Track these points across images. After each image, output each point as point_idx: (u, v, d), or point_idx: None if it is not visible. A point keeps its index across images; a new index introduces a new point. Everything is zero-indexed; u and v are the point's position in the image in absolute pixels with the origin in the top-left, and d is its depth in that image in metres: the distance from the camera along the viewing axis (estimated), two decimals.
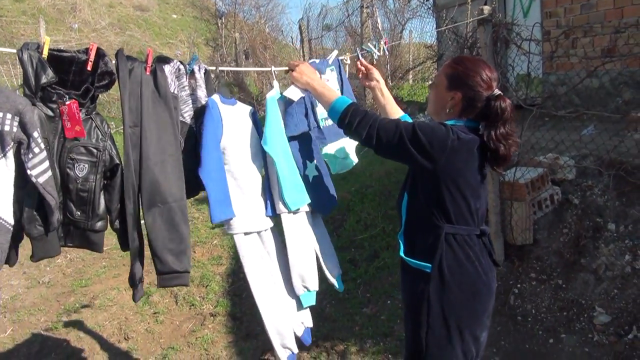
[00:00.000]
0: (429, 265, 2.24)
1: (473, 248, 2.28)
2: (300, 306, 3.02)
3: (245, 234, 2.76)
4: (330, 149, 3.07)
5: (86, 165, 2.39)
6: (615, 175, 4.31)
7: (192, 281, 5.29)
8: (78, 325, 4.71)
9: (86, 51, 2.32)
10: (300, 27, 14.03)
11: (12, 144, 2.16)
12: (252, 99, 12.80)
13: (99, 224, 2.46)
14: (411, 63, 11.53)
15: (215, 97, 2.69)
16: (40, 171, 2.19)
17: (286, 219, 2.83)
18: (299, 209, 2.86)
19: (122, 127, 2.46)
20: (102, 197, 2.45)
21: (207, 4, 21.18)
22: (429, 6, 10.26)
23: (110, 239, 6.38)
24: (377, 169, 6.92)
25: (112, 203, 2.47)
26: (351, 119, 2.32)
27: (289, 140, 2.85)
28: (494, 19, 4.28)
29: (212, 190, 2.59)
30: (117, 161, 2.45)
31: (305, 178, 2.92)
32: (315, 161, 3.00)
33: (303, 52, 14.27)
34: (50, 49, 2.25)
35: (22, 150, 2.18)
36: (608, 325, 3.69)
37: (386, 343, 4.06)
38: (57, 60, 2.28)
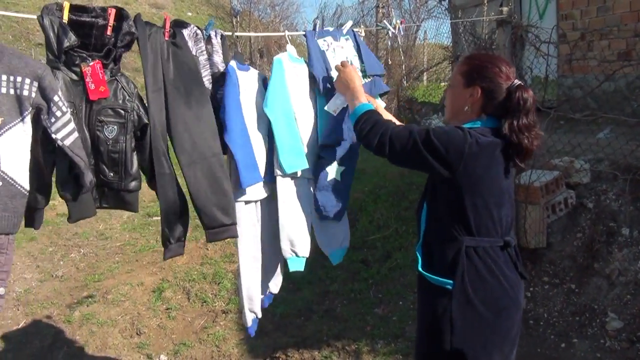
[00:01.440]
0: (451, 281, 2.10)
1: (496, 261, 2.13)
2: (273, 274, 3.06)
3: (246, 202, 2.78)
4: None
5: (115, 127, 2.40)
6: (630, 180, 4.28)
7: (205, 278, 5.31)
8: (90, 319, 4.74)
9: (105, 13, 2.32)
10: (314, 27, 14.04)
11: (30, 109, 2.16)
12: None
13: (133, 184, 2.47)
14: (426, 64, 11.50)
15: (233, 63, 2.71)
16: (66, 134, 2.21)
17: (281, 182, 2.83)
18: (296, 174, 2.84)
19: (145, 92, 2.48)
20: (134, 157, 2.46)
21: (222, 2, 21.19)
22: (445, 7, 10.23)
23: (123, 235, 6.41)
24: (390, 169, 6.91)
25: (146, 162, 2.49)
26: (363, 126, 2.25)
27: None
28: (513, 21, 4.27)
29: (239, 154, 2.61)
30: (146, 120, 2.45)
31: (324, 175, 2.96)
32: (343, 167, 3.03)
33: None
34: (70, 12, 2.25)
35: (43, 116, 2.19)
36: (620, 331, 3.67)
37: (397, 344, 4.06)
38: (78, 24, 2.29)
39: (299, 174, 2.87)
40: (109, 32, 2.32)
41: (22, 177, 2.19)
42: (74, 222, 2.46)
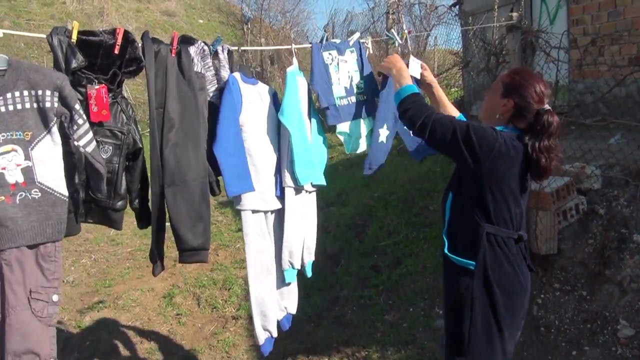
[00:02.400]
0: (473, 262, 2.35)
1: (511, 250, 2.39)
2: (288, 291, 3.11)
3: (253, 211, 2.81)
4: (344, 127, 3.10)
5: (110, 148, 2.48)
6: None
7: (215, 284, 5.32)
8: (101, 324, 4.76)
9: (113, 33, 2.39)
10: (322, 39, 14.06)
11: (55, 119, 2.25)
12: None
13: (120, 203, 2.55)
14: (436, 69, 11.48)
15: (237, 74, 2.75)
16: (87, 141, 2.30)
17: (290, 194, 2.88)
18: (302, 187, 2.91)
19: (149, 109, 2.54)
20: (123, 178, 2.54)
21: (233, 9, 21.30)
22: (456, 12, 10.22)
23: (134, 240, 6.45)
24: (401, 175, 6.91)
25: (133, 184, 2.58)
26: (408, 106, 2.45)
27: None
28: (523, 26, 4.26)
29: (227, 164, 2.62)
30: (140, 145, 2.55)
31: (377, 136, 3.11)
32: (388, 131, 3.17)
33: None
34: (79, 33, 2.31)
35: (65, 124, 2.27)
36: (632, 339, 3.64)
37: (408, 351, 4.04)
38: (86, 44, 2.36)
39: (310, 186, 2.92)
40: (116, 51, 2.39)
41: (59, 185, 2.29)
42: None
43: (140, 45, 2.47)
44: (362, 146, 3.21)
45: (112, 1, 17.31)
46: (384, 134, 3.15)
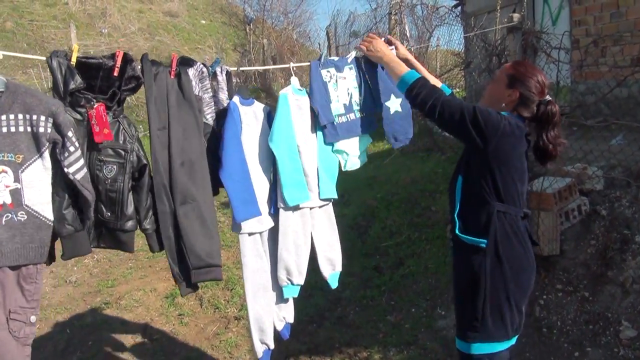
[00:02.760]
0: (484, 240, 2.44)
1: (519, 227, 2.51)
2: (285, 302, 3.12)
3: (250, 234, 2.86)
4: (341, 145, 3.11)
5: (114, 167, 2.49)
6: None
7: (217, 284, 5.33)
8: (104, 325, 4.78)
9: (113, 57, 2.42)
10: (327, 34, 14.08)
11: (47, 145, 2.28)
12: None
13: (129, 224, 2.55)
14: (438, 70, 11.48)
15: (236, 98, 2.78)
16: (77, 168, 2.31)
17: (283, 214, 2.91)
18: (298, 206, 2.93)
19: (149, 130, 2.55)
20: (130, 197, 2.54)
21: (235, 10, 21.32)
22: (457, 14, 10.22)
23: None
24: (403, 176, 6.91)
25: (141, 203, 2.56)
26: (419, 90, 2.53)
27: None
28: (524, 27, 4.26)
29: (234, 190, 2.68)
30: (145, 162, 2.55)
31: (386, 109, 3.15)
32: (398, 97, 3.18)
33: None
34: (78, 57, 2.34)
35: (57, 150, 2.29)
36: (634, 340, 3.64)
37: (410, 351, 4.05)
38: (85, 66, 2.40)
39: (300, 206, 2.95)
40: (115, 74, 2.42)
41: (45, 210, 2.32)
42: (67, 259, 2.54)
43: (139, 67, 2.50)
44: (357, 164, 3.23)
45: (115, 2, 17.32)
46: (393, 104, 3.19)
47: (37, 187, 2.28)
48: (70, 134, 2.28)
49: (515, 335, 2.60)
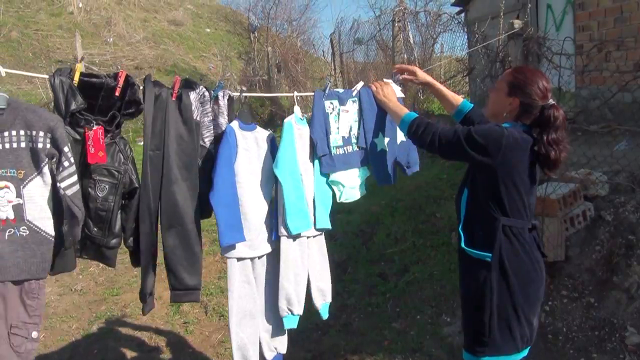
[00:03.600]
0: (490, 254, 2.43)
1: (526, 240, 2.48)
2: (278, 331, 3.10)
3: (238, 259, 2.84)
4: (337, 176, 3.12)
5: (107, 186, 2.53)
6: None
7: (222, 292, 5.33)
8: (109, 333, 4.78)
9: (115, 77, 2.45)
10: (331, 41, 14.12)
11: (46, 160, 2.31)
12: (284, 111, 12.87)
13: (114, 241, 2.60)
14: (442, 77, 11.49)
15: (234, 123, 2.78)
16: (69, 184, 2.32)
17: (285, 242, 2.91)
18: (300, 234, 2.94)
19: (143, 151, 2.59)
20: (118, 216, 2.59)
21: (240, 18, 21.41)
22: (460, 20, 10.24)
23: None
24: (407, 183, 6.91)
25: (128, 222, 2.61)
26: (417, 129, 2.59)
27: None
28: (525, 33, 4.27)
29: (222, 214, 2.68)
30: (136, 184, 2.59)
31: (373, 145, 3.17)
32: (386, 137, 3.21)
33: (334, 65, 14.30)
34: (81, 74, 2.37)
35: (52, 165, 2.32)
36: None
37: (415, 359, 4.04)
38: (87, 85, 2.43)
39: (313, 231, 2.99)
40: (117, 94, 2.45)
41: (46, 225, 2.34)
42: (54, 275, 2.57)
43: (141, 88, 2.53)
44: (356, 195, 3.25)
45: (120, 11, 17.45)
46: (381, 142, 3.20)
47: (38, 202, 2.31)
48: (66, 149, 2.30)
49: (527, 347, 2.58)
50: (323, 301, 3.20)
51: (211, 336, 4.71)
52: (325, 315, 3.24)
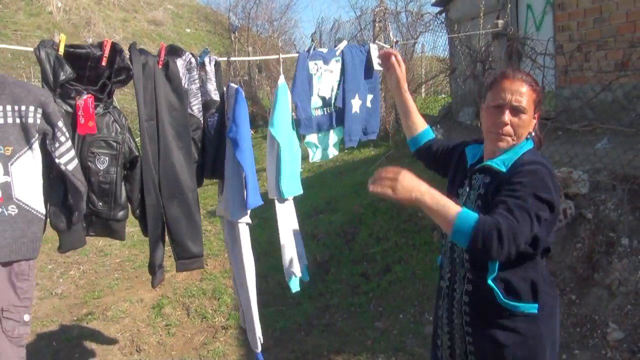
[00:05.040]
0: (536, 304, 2.03)
1: (545, 267, 2.13)
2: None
3: (247, 224, 2.91)
4: (313, 138, 3.13)
5: (107, 158, 2.48)
6: (629, 190, 4.28)
7: (204, 294, 5.30)
8: (90, 336, 4.72)
9: (101, 46, 2.39)
10: (313, 41, 14.08)
11: (37, 136, 2.24)
12: (265, 112, 12.83)
13: (121, 214, 2.57)
14: (424, 76, 11.53)
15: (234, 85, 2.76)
16: (69, 159, 2.28)
17: (279, 205, 2.97)
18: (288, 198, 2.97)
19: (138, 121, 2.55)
20: (123, 187, 2.55)
21: (220, 18, 21.35)
22: (442, 20, 10.28)
23: (123, 251, 6.41)
24: None
25: (134, 193, 2.58)
26: (484, 243, 1.76)
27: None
28: (509, 33, 4.29)
29: (252, 178, 2.69)
30: (136, 153, 2.56)
31: (349, 106, 3.15)
32: (359, 99, 3.22)
33: None
34: (65, 45, 2.31)
35: (47, 141, 2.25)
36: (622, 342, 3.65)
37: (398, 358, 4.03)
38: (73, 56, 2.37)
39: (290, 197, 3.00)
40: (103, 63, 2.40)
41: (37, 202, 2.28)
42: (65, 252, 2.53)
43: (127, 56, 2.48)
44: (331, 154, 3.25)
45: (99, 11, 17.30)
46: (356, 104, 3.20)
47: (27, 179, 2.24)
48: (60, 123, 2.25)
49: None
50: (304, 263, 3.22)
51: (194, 338, 4.67)
52: (307, 277, 3.26)
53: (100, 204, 2.50)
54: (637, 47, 5.28)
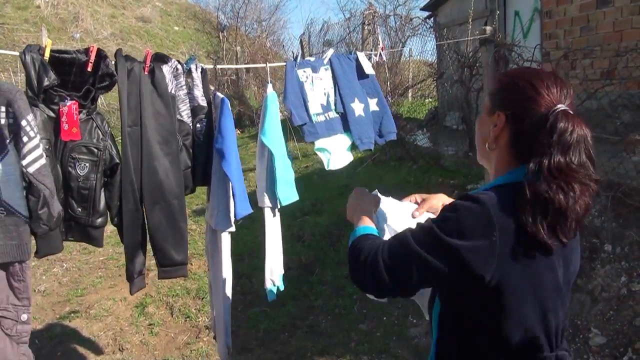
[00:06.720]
0: None
1: None
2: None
3: (229, 232, 2.90)
4: (322, 143, 3.13)
5: (87, 164, 2.47)
6: (612, 197, 4.32)
7: (188, 293, 5.28)
8: (73, 335, 4.69)
9: (86, 52, 2.39)
10: (301, 42, 14.10)
11: (11, 137, 2.20)
12: (252, 112, 12.82)
13: (99, 220, 2.55)
14: (411, 80, 11.58)
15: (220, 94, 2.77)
16: (31, 160, 2.20)
17: (268, 213, 2.96)
18: (281, 205, 2.97)
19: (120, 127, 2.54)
20: (102, 194, 2.53)
21: (209, 17, 21.26)
22: (430, 25, 10.33)
23: (107, 249, 6.37)
24: (375, 185, 6.92)
25: (113, 200, 2.56)
26: (349, 259, 1.61)
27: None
28: (496, 39, 4.32)
29: (237, 186, 2.67)
30: (117, 160, 2.54)
31: (350, 110, 3.18)
32: (361, 103, 3.24)
33: None
34: (51, 51, 2.31)
35: (15, 139, 2.20)
36: (603, 347, 3.68)
37: None
38: (59, 61, 2.36)
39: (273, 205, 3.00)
40: (89, 69, 2.39)
41: (20, 205, 2.25)
42: (42, 258, 2.51)
43: (111, 62, 2.48)
44: (345, 161, 3.26)
45: (87, 6, 17.18)
46: (358, 107, 3.22)
47: (10, 182, 2.21)
48: (24, 122, 2.16)
49: None
50: (281, 272, 3.21)
51: (177, 338, 4.65)
52: (282, 286, 3.26)
53: (79, 209, 2.48)
54: (623, 56, 5.32)
